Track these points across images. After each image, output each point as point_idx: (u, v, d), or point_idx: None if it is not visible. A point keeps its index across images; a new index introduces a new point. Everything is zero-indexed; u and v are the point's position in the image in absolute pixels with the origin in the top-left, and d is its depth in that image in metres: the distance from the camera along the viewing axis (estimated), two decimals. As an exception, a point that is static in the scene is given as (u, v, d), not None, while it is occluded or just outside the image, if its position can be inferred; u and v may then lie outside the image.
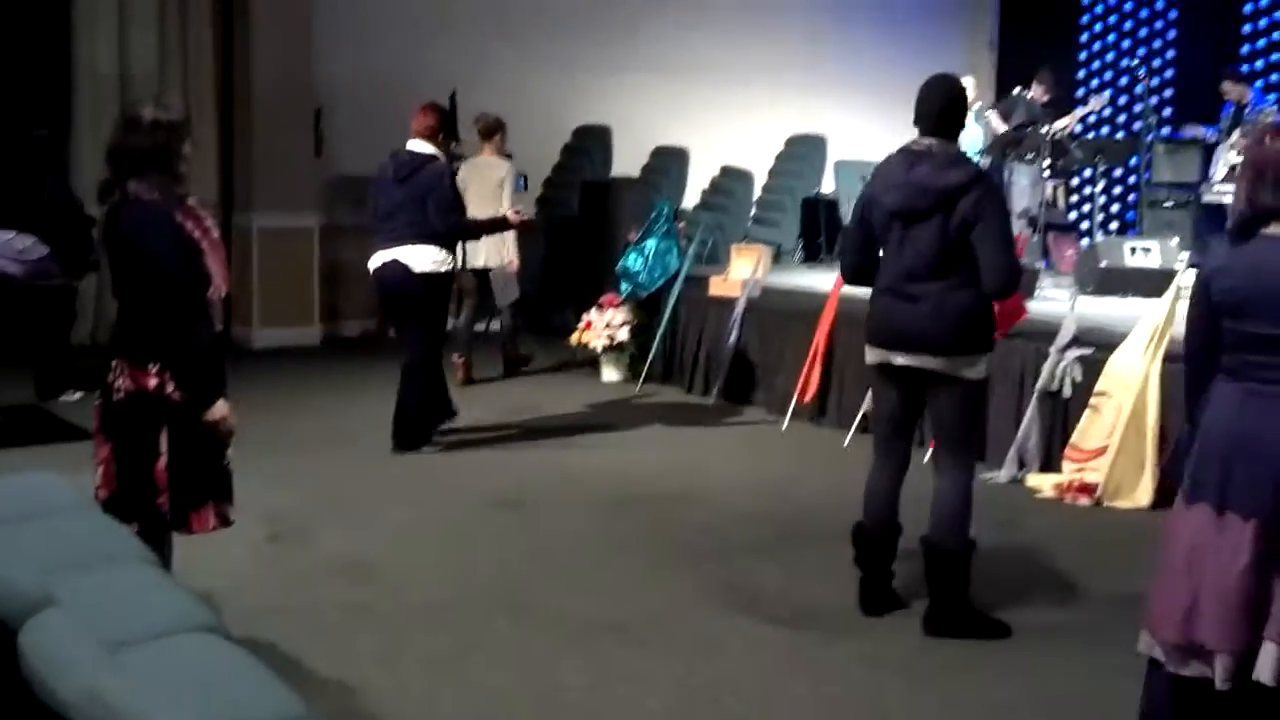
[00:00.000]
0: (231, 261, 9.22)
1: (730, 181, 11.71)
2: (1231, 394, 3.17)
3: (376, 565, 4.77)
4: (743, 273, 8.49)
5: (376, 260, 6.40)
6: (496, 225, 7.02)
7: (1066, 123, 9.90)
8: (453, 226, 6.42)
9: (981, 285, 4.07)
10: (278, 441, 6.28)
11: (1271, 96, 10.13)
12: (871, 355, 4.29)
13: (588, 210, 10.01)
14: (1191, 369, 3.36)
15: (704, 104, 11.49)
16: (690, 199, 11.57)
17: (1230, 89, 9.65)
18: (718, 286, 8.54)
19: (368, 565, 4.76)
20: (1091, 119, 11.44)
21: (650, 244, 8.62)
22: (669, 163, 11.58)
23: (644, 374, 8.43)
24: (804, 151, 12.03)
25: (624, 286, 8.57)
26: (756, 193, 11.87)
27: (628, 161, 11.33)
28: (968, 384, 4.14)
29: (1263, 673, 3.07)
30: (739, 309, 8.03)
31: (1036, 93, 9.96)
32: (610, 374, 8.56)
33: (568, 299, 9.32)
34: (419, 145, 6.47)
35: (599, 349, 8.46)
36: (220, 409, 3.54)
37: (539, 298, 9.84)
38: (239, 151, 9.77)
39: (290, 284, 9.61)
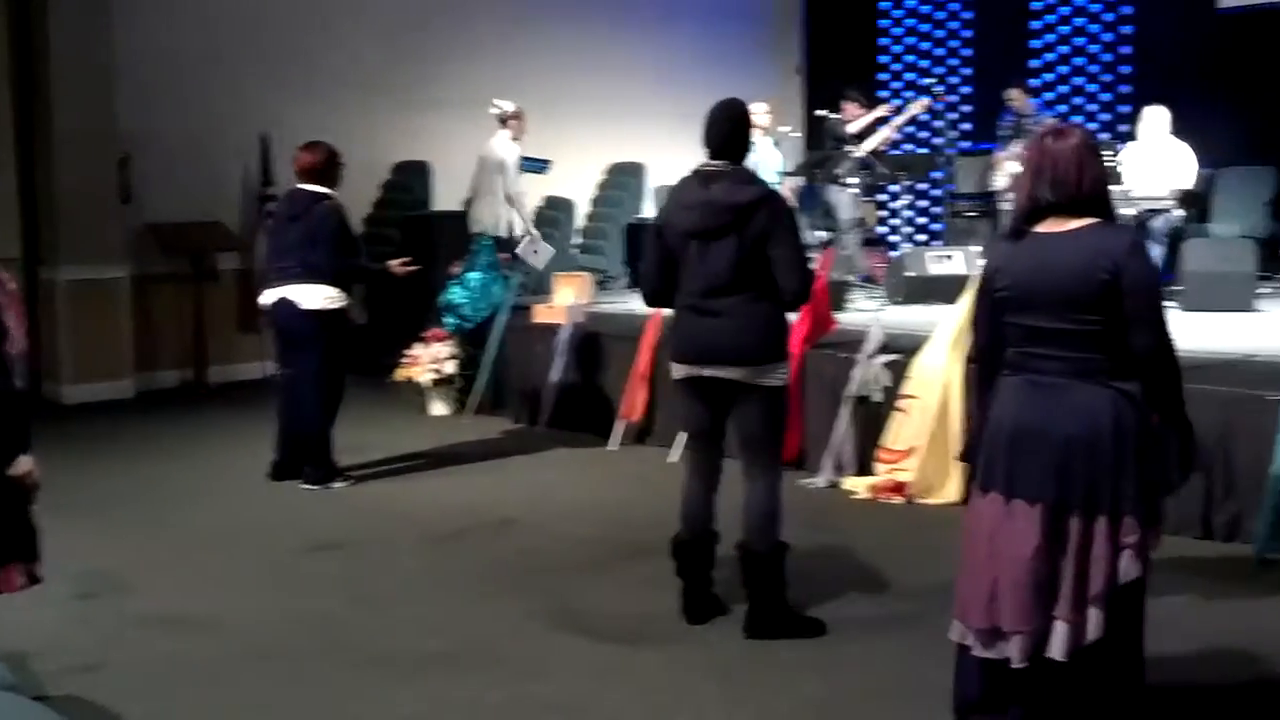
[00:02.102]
0: (39, 316, 9.11)
1: (552, 210, 11.82)
2: (1015, 386, 3.34)
3: (197, 616, 4.67)
4: (567, 300, 8.59)
5: (269, 298, 6.48)
6: (383, 274, 7.00)
7: (888, 133, 10.17)
8: (341, 267, 6.43)
9: (779, 295, 4.24)
10: (91, 496, 6.11)
11: (1055, 109, 10.65)
12: (677, 371, 4.42)
13: (409, 245, 9.95)
14: (980, 365, 3.53)
15: (525, 138, 11.57)
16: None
17: (1015, 98, 10.15)
18: (542, 314, 8.61)
19: (187, 616, 4.67)
20: (909, 129, 11.74)
21: (474, 276, 8.66)
22: (490, 196, 11.59)
23: (472, 406, 8.45)
24: (624, 179, 12.24)
25: (449, 320, 8.58)
26: (579, 221, 12.00)
27: (448, 195, 11.34)
28: (770, 392, 4.29)
29: (1055, 650, 3.24)
30: (564, 336, 8.12)
31: (848, 114, 10.31)
32: (438, 408, 8.55)
33: (392, 335, 9.26)
34: (309, 184, 6.48)
35: (426, 383, 8.44)
36: (24, 464, 3.46)
37: (362, 335, 9.75)
38: (41, 203, 9.45)
39: (101, 337, 9.31)
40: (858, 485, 6.30)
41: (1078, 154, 3.29)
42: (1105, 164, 3.35)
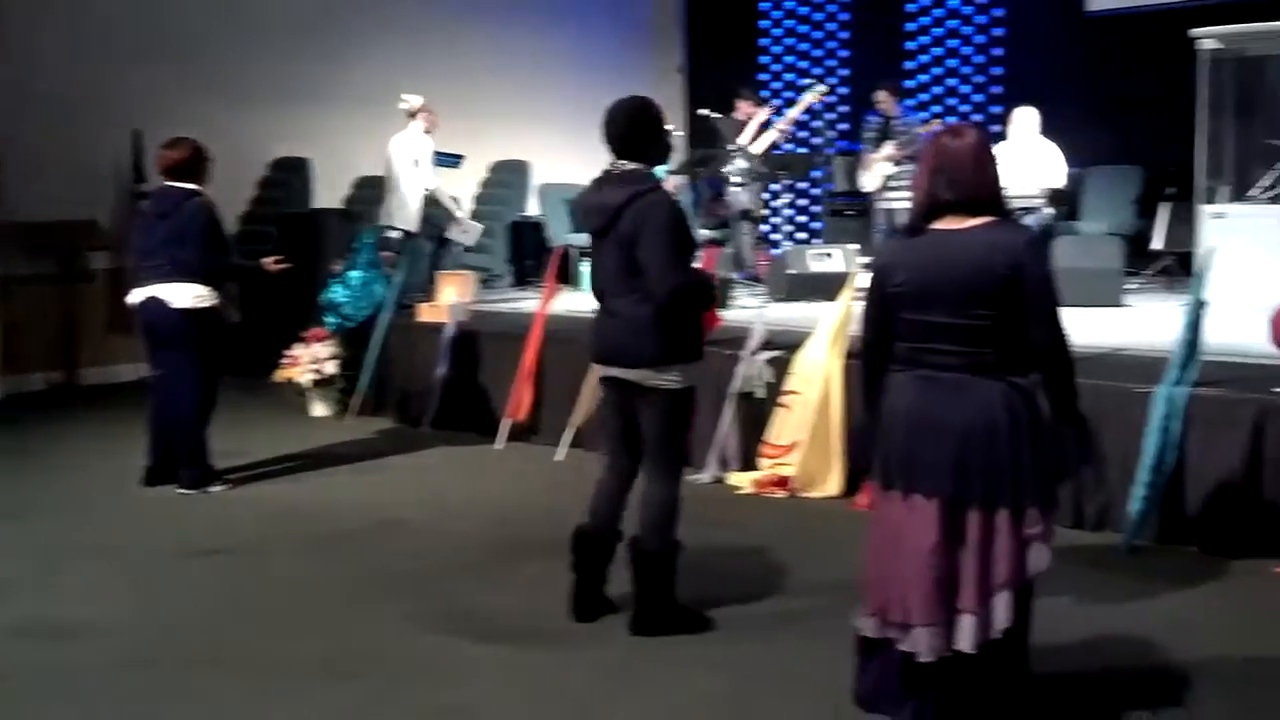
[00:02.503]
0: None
1: (436, 209, 11.69)
2: (909, 382, 3.38)
3: (73, 625, 4.53)
4: (450, 299, 8.53)
5: (136, 296, 6.33)
6: (256, 271, 6.84)
7: (784, 126, 10.19)
8: (211, 265, 6.28)
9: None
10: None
11: (924, 112, 10.84)
12: (597, 369, 4.47)
13: (288, 243, 9.78)
14: (867, 359, 3.56)
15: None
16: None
17: (883, 99, 10.35)
18: (426, 313, 8.54)
19: (63, 626, 4.52)
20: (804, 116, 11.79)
21: (355, 275, 8.55)
22: (372, 192, 11.44)
23: (355, 406, 8.34)
24: (508, 177, 12.18)
25: (330, 319, 8.46)
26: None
27: (329, 193, 11.18)
28: (668, 393, 4.27)
29: (963, 643, 3.28)
30: (448, 334, 8.06)
31: (741, 112, 10.41)
32: (319, 409, 8.42)
33: (271, 335, 9.09)
34: (177, 181, 6.34)
35: (306, 384, 8.31)
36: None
37: (240, 335, 9.55)
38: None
39: (-35, 339, 9.00)
40: (742, 480, 6.37)
41: (974, 153, 3.36)
42: (997, 162, 3.43)
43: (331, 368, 8.30)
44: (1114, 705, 3.67)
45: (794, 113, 10.29)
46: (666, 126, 4.44)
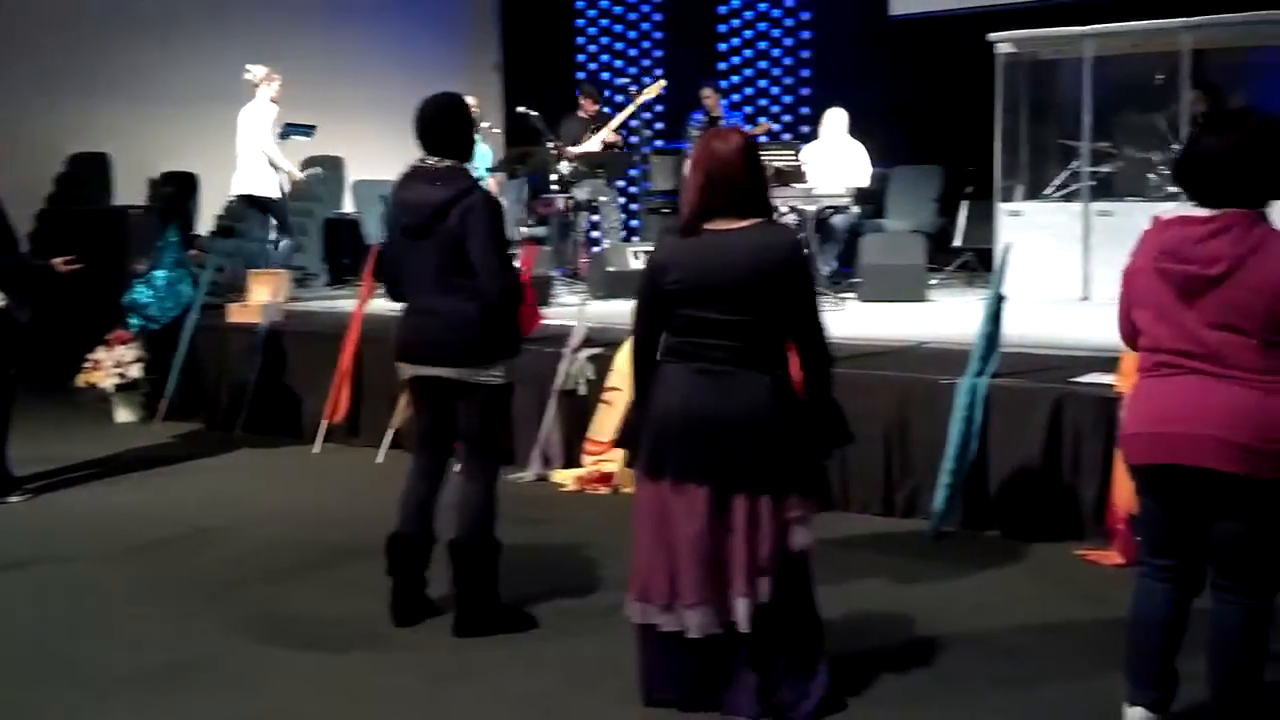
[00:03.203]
0: None
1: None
2: (682, 374, 3.53)
3: None
4: (263, 298, 8.32)
5: None
6: (45, 271, 6.47)
7: (623, 118, 10.24)
8: None
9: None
10: None
11: (743, 110, 11.08)
12: (402, 370, 4.38)
13: (88, 241, 9.37)
14: (639, 353, 3.69)
15: (215, 129, 11.13)
16: (204, 226, 11.17)
17: (708, 96, 10.52)
18: (237, 314, 8.31)
19: None
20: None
21: (160, 275, 8.26)
22: (177, 189, 11.10)
23: (162, 411, 8.06)
24: (323, 173, 11.91)
25: (133, 320, 8.14)
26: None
27: (131, 190, 10.76)
28: (489, 390, 4.27)
29: (740, 623, 3.47)
30: (260, 335, 7.86)
31: (585, 109, 10.43)
32: (124, 414, 8.10)
33: (72, 338, 8.70)
34: None
35: (110, 389, 7.98)
36: None
37: (38, 338, 9.11)
38: None
39: None
40: (565, 477, 6.39)
41: (742, 156, 3.51)
42: (764, 163, 3.60)
43: (136, 371, 8.00)
44: (915, 682, 3.81)
45: (631, 108, 10.38)
46: (483, 124, 4.43)
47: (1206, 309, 3.07)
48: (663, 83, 10.58)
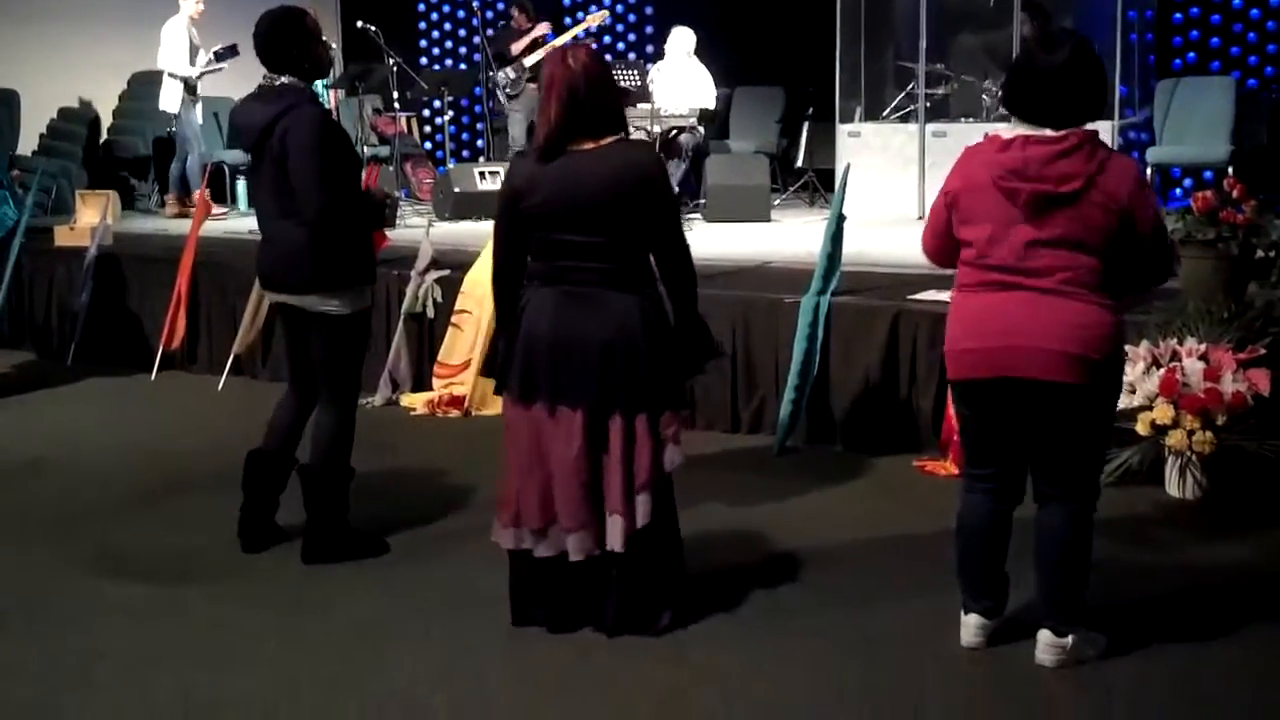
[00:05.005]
0: None
1: (71, 124, 10.88)
2: (549, 298, 3.51)
3: None
4: (92, 221, 7.99)
5: None
6: None
7: (562, 40, 9.99)
8: None
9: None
10: None
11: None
12: (263, 295, 4.29)
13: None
14: (500, 278, 3.66)
15: (37, 45, 10.57)
16: (26, 145, 10.64)
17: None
18: (65, 237, 7.97)
19: None
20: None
21: (-21, 197, 7.85)
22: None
23: (-13, 340, 7.72)
24: (151, 90, 11.42)
25: (-48, 246, 7.73)
26: (104, 136, 11.12)
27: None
28: (334, 319, 4.15)
29: (613, 542, 3.50)
30: (89, 259, 7.55)
31: (517, 21, 10.23)
32: (-55, 344, 7.74)
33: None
34: None
35: (-72, 317, 7.60)
36: None
37: None
38: None
39: None
40: (415, 401, 6.34)
41: (594, 73, 3.47)
42: (617, 81, 3.55)
43: (-43, 298, 7.62)
44: (761, 596, 3.91)
45: (575, 31, 10.23)
46: (322, 39, 4.28)
47: (1052, 226, 3.15)
48: (604, 13, 10.43)
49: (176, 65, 9.52)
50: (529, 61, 10.03)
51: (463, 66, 12.73)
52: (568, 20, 11.85)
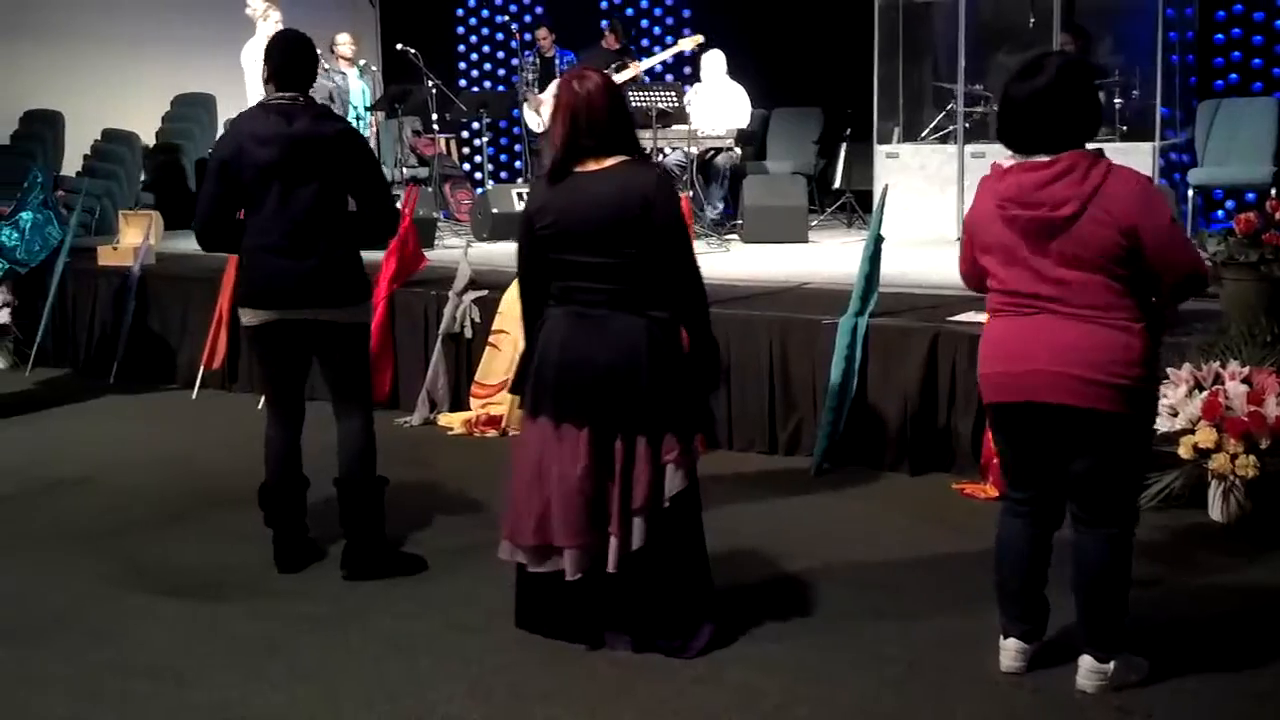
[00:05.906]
0: None
1: (114, 145, 11.04)
2: (561, 318, 3.57)
3: None
4: (135, 241, 8.09)
5: None
6: None
7: (634, 72, 10.06)
8: None
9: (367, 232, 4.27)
10: None
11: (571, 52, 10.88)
12: (253, 317, 4.26)
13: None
14: (526, 298, 3.73)
15: (81, 67, 10.75)
16: (71, 166, 10.81)
17: (544, 37, 10.44)
18: (108, 256, 8.07)
19: None
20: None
21: (26, 216, 7.93)
22: (42, 128, 10.72)
23: (32, 358, 7.81)
24: (192, 111, 11.61)
25: (-1, 265, 7.86)
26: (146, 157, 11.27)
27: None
28: (363, 329, 4.35)
29: (609, 563, 3.53)
30: (133, 279, 7.65)
31: (608, 42, 10.26)
32: (-7, 362, 7.85)
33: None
34: None
35: (-24, 337, 7.72)
36: None
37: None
38: None
39: None
40: (452, 421, 6.36)
41: (604, 95, 3.51)
42: (628, 104, 3.61)
43: (4, 317, 7.75)
44: (797, 617, 3.90)
45: (662, 56, 10.24)
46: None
47: (1057, 251, 3.15)
48: (700, 37, 10.35)
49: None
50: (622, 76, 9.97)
51: (501, 88, 12.81)
52: (657, 48, 11.83)
